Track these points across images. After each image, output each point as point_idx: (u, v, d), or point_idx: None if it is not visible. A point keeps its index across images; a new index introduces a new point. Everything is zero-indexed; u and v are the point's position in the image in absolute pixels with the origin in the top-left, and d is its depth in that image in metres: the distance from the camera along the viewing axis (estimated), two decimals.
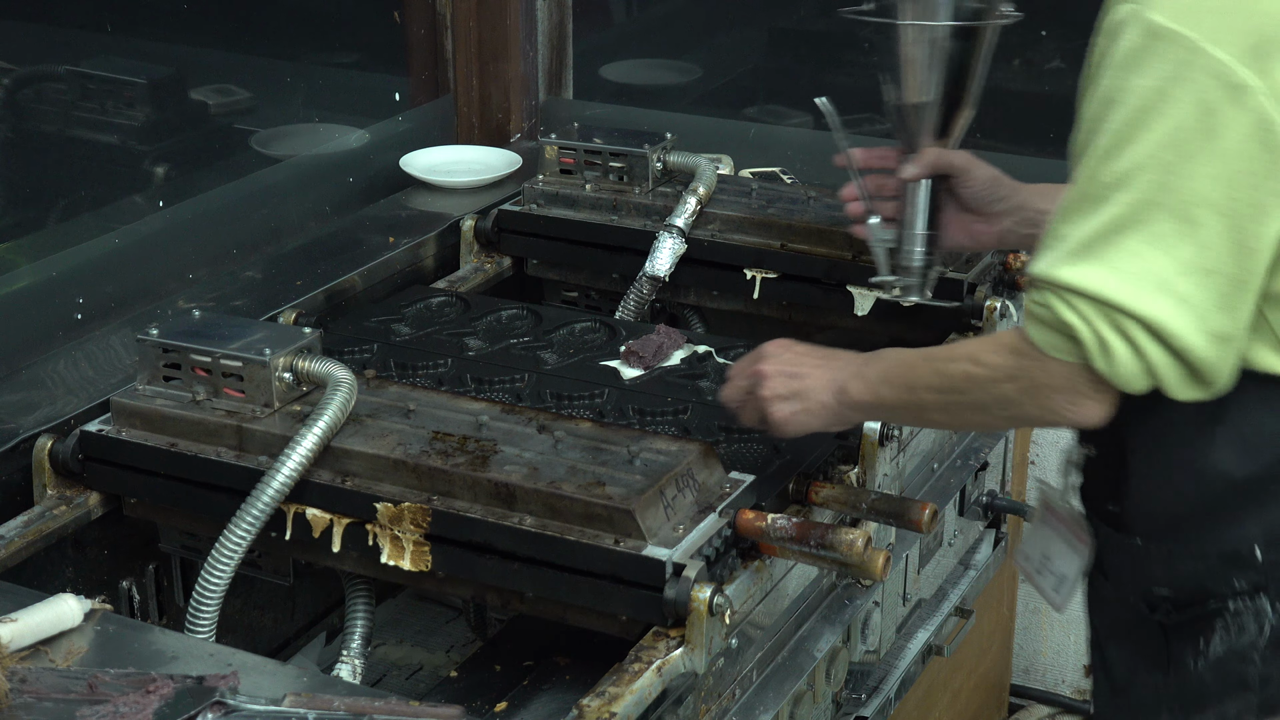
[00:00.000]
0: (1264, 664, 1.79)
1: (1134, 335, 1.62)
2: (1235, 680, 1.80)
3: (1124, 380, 1.65)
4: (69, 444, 2.18)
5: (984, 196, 2.26)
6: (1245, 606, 1.78)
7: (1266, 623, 1.78)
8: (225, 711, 1.61)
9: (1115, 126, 1.63)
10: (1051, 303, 1.66)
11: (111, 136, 2.85)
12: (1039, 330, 1.69)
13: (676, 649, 1.83)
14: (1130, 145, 1.62)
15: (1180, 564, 1.81)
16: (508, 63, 3.47)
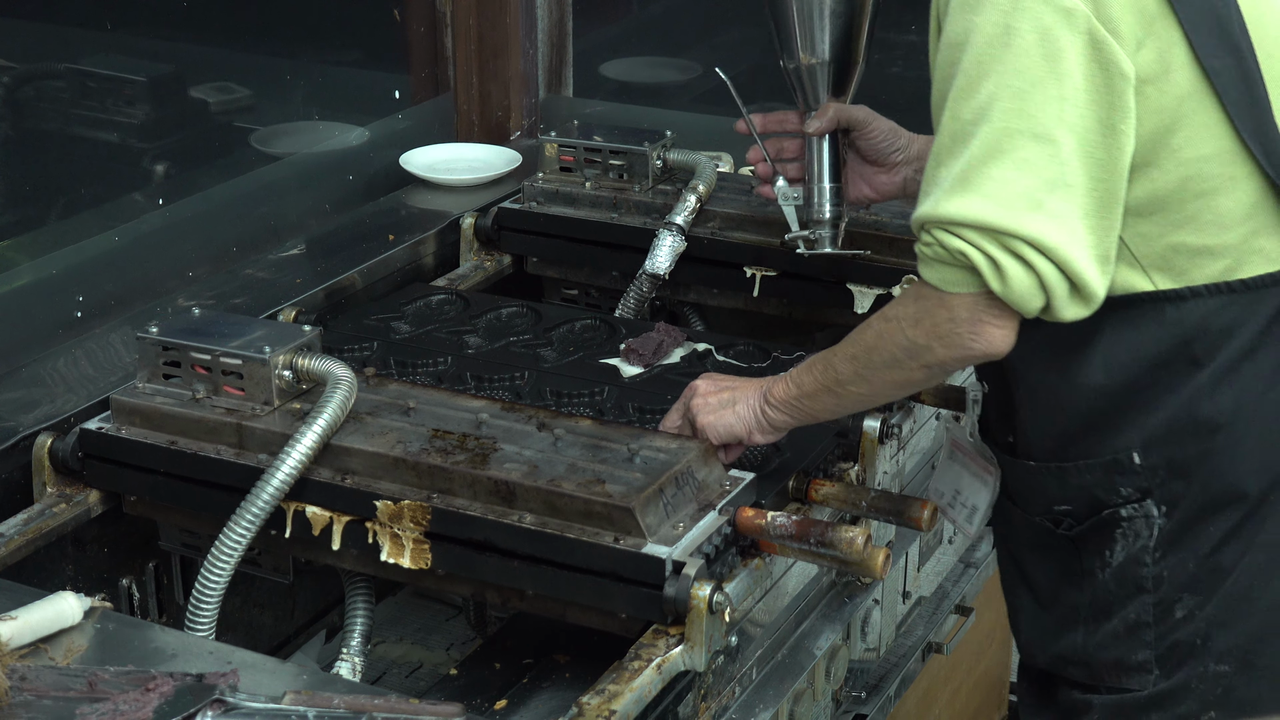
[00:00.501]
0: (1155, 565, 1.90)
1: (1023, 253, 1.72)
2: (1133, 584, 1.92)
3: (1019, 298, 1.74)
4: (69, 442, 2.18)
5: (883, 148, 2.36)
6: (1136, 512, 1.89)
7: (1155, 525, 1.89)
8: (225, 709, 1.61)
9: (967, 66, 1.74)
10: (940, 238, 1.76)
11: (111, 134, 2.85)
12: (932, 269, 1.79)
13: (676, 647, 1.83)
14: (984, 80, 1.73)
15: (1071, 479, 1.93)
16: (508, 60, 3.47)
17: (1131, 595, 1.92)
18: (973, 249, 1.73)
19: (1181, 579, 1.90)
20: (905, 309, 1.84)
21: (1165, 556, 1.90)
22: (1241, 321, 1.85)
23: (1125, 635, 1.93)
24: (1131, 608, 1.92)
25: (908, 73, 3.48)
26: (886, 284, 2.67)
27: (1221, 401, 1.85)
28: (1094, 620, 1.96)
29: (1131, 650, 1.93)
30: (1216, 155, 1.81)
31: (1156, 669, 1.93)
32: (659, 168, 2.96)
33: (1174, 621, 1.91)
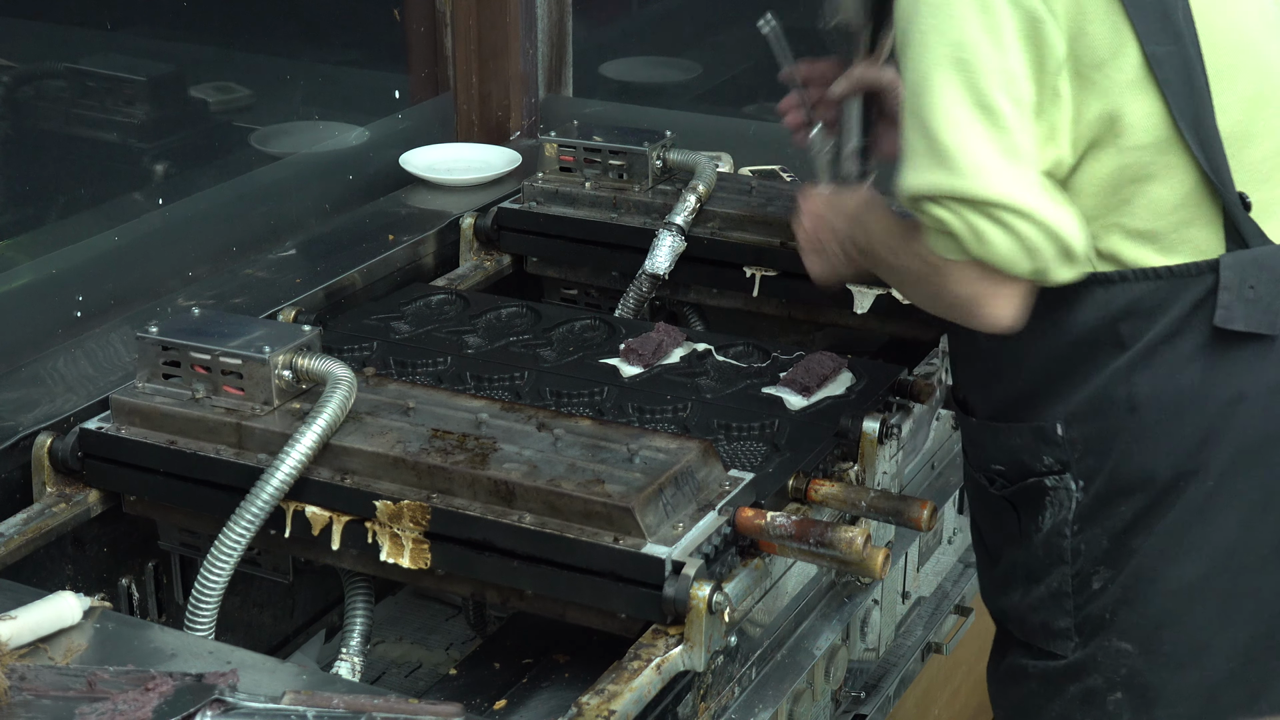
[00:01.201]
0: (1073, 537, 1.99)
1: (999, 216, 1.79)
2: (1056, 554, 2.01)
3: (1006, 261, 1.81)
4: (68, 441, 2.18)
5: None
6: (1058, 483, 1.98)
7: (1074, 499, 1.98)
8: (224, 709, 1.61)
9: (914, 35, 1.82)
10: (925, 209, 1.84)
11: (111, 134, 2.85)
12: (932, 239, 1.87)
13: (676, 647, 1.83)
14: (929, 49, 1.81)
15: (1003, 439, 2.03)
16: (507, 60, 3.47)
17: (1055, 564, 2.01)
18: (951, 216, 1.81)
19: (1096, 553, 1.98)
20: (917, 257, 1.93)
21: (1082, 530, 1.98)
22: (1165, 307, 1.89)
23: (1050, 601, 2.02)
24: (1054, 576, 2.01)
25: None
26: (885, 284, 2.67)
27: (1138, 383, 1.91)
28: (1027, 582, 2.05)
29: (1055, 616, 2.02)
30: (1154, 143, 1.86)
31: (1076, 636, 2.01)
32: (659, 168, 2.96)
33: (1091, 593, 1.99)
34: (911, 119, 1.83)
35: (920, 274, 1.95)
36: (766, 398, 2.35)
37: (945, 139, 1.79)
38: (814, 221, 2.24)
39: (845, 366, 2.41)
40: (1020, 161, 1.79)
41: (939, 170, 1.80)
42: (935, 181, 1.80)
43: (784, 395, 2.35)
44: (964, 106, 1.79)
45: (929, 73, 1.80)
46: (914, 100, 1.83)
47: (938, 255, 1.86)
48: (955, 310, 1.91)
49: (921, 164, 1.82)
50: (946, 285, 1.88)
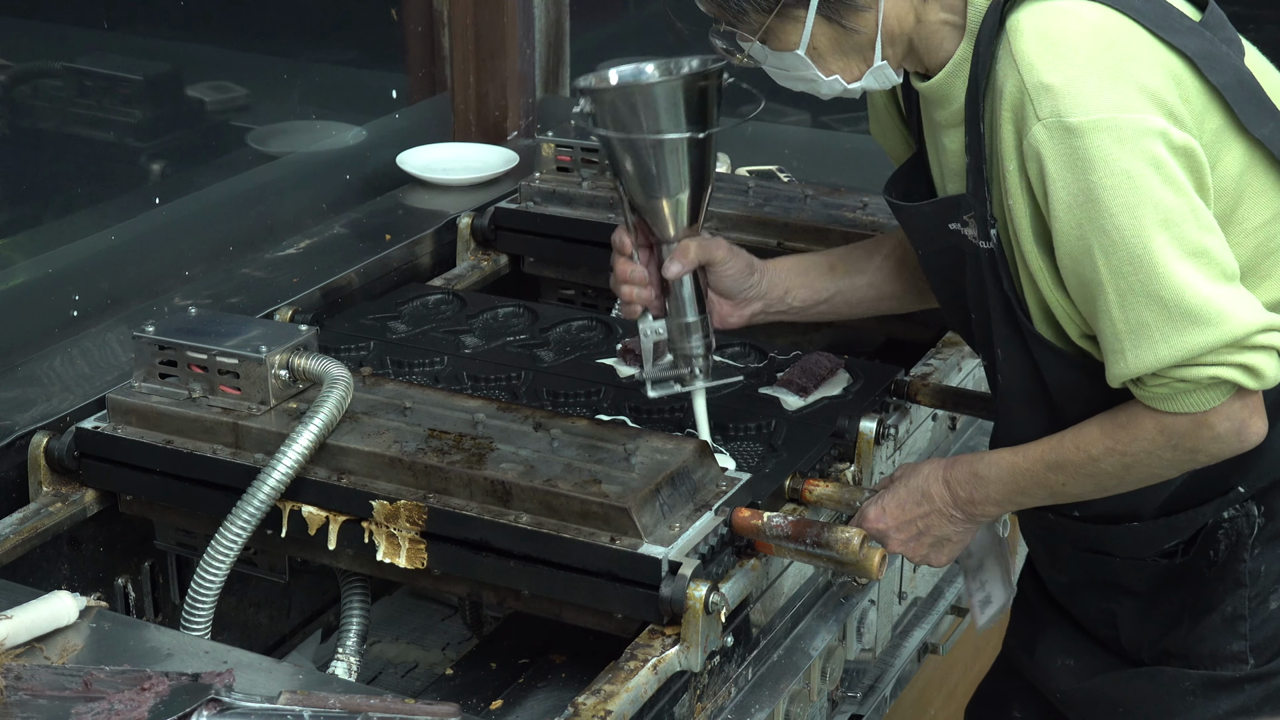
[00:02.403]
0: (1253, 560, 1.99)
1: (1261, 342, 1.77)
2: (1233, 579, 2.00)
3: (1270, 382, 1.80)
4: (65, 441, 2.18)
5: (737, 285, 2.23)
6: (1238, 512, 1.99)
7: (1255, 524, 1.99)
8: (220, 709, 1.61)
9: (1104, 222, 1.77)
10: (1179, 374, 1.79)
11: (108, 133, 2.85)
12: (1178, 401, 1.82)
13: (672, 647, 1.83)
14: (1129, 226, 1.76)
15: (1181, 526, 2.01)
16: (505, 60, 3.47)
17: (1231, 589, 2.00)
18: (1221, 368, 1.77)
19: (1277, 571, 1.99)
20: (1149, 441, 1.86)
21: (1263, 552, 1.99)
22: None
23: (1222, 628, 2.01)
24: (1230, 601, 2.01)
25: None
26: None
27: None
28: (1195, 614, 2.03)
29: (1227, 641, 2.01)
30: (1277, 216, 1.89)
31: (1251, 659, 2.01)
32: None
33: (1269, 613, 2.00)
34: (1127, 298, 1.78)
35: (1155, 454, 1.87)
36: (763, 398, 2.35)
37: (1187, 299, 1.76)
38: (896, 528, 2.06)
39: (842, 367, 2.41)
40: (1237, 282, 1.80)
41: (1192, 331, 1.76)
42: (1192, 344, 1.77)
43: (781, 395, 2.35)
44: (1184, 262, 1.76)
45: (1141, 247, 1.76)
46: (1128, 280, 1.78)
47: (1194, 412, 1.81)
48: (1214, 449, 1.85)
49: (1161, 335, 1.78)
50: (1209, 433, 1.83)
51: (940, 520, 2.03)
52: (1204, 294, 1.76)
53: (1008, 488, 1.98)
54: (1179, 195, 1.76)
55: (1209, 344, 1.76)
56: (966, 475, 2.01)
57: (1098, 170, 1.75)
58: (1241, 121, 1.84)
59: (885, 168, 3.13)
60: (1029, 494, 1.98)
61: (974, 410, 2.39)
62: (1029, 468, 1.96)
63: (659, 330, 2.16)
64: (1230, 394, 1.80)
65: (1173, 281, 1.76)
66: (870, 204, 2.83)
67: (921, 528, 2.04)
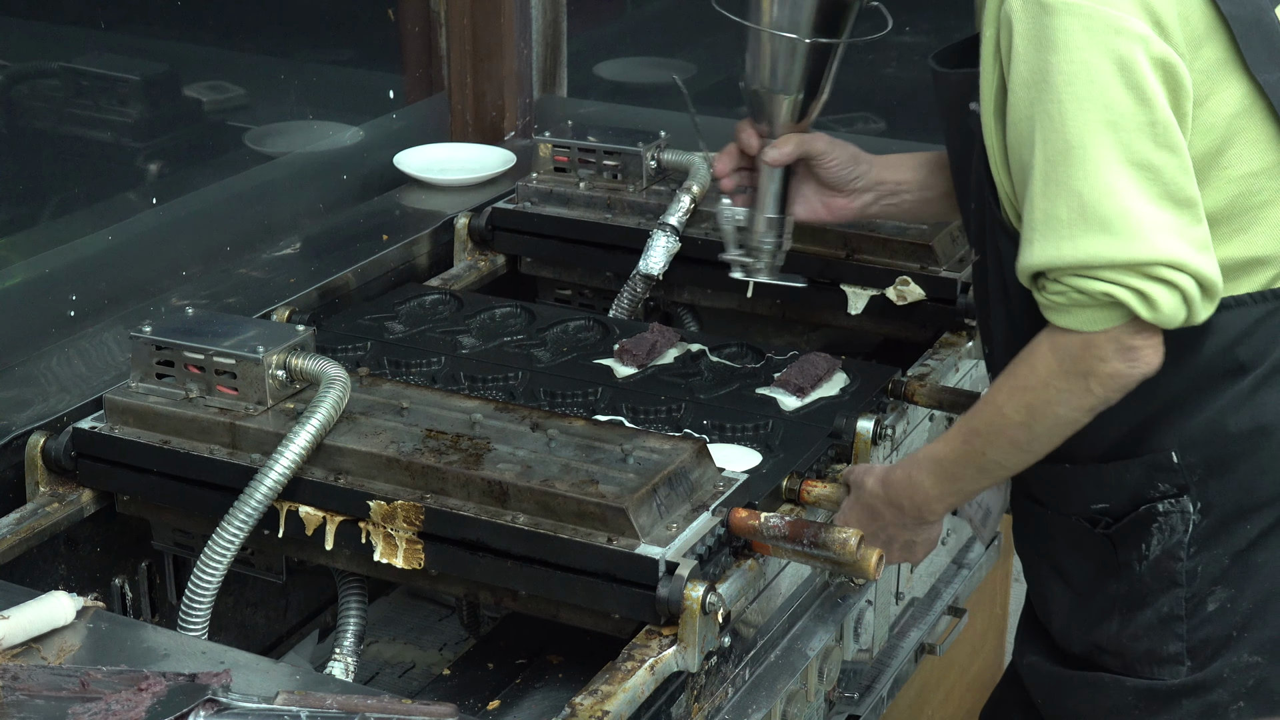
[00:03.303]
0: (1189, 559, 1.94)
1: (1165, 276, 1.73)
2: (1167, 578, 1.95)
3: (1168, 318, 1.75)
4: (62, 441, 2.18)
5: (844, 175, 2.32)
6: (1172, 507, 1.93)
7: (1190, 521, 1.93)
8: (217, 709, 1.61)
9: (1050, 106, 1.74)
10: (1075, 284, 1.75)
11: (105, 133, 2.85)
12: (1069, 315, 1.78)
13: (669, 647, 1.83)
14: (1073, 117, 1.73)
15: (1109, 479, 1.96)
16: (502, 60, 3.47)
17: (1165, 588, 1.96)
18: (1116, 287, 1.74)
19: (1214, 573, 1.94)
20: (1045, 366, 1.82)
21: (1200, 552, 1.94)
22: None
23: (1158, 627, 1.97)
24: (1165, 600, 1.96)
25: (902, 74, 3.48)
26: (880, 284, 2.67)
27: (1266, 405, 1.89)
28: (1128, 611, 1.99)
29: (1164, 642, 1.97)
30: (1266, 169, 1.84)
31: (1188, 660, 1.96)
32: (653, 168, 2.96)
33: (1206, 615, 1.95)
34: (1050, 187, 1.75)
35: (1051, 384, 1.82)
36: (760, 398, 2.35)
37: (1106, 205, 1.72)
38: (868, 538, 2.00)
39: (839, 367, 2.41)
40: (1181, 211, 1.74)
41: (1097, 237, 1.72)
42: (1094, 251, 1.73)
43: (778, 396, 2.35)
44: (1121, 168, 1.72)
45: (1078, 140, 1.73)
46: (1057, 170, 1.74)
47: (1085, 330, 1.78)
48: (1104, 374, 1.80)
49: (1069, 233, 1.74)
50: (1098, 354, 1.78)
51: (897, 529, 2.03)
52: (1125, 205, 1.72)
53: (940, 480, 1.96)
54: (1140, 104, 1.72)
55: (1110, 257, 1.72)
56: (903, 482, 2.00)
57: (1058, 53, 1.73)
58: (1245, 60, 1.80)
59: None
60: (960, 478, 1.95)
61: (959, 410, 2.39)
62: (949, 450, 1.95)
63: (738, 217, 2.38)
64: (1123, 319, 1.76)
65: (1098, 183, 1.72)
66: None
67: (885, 538, 2.04)
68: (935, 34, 3.39)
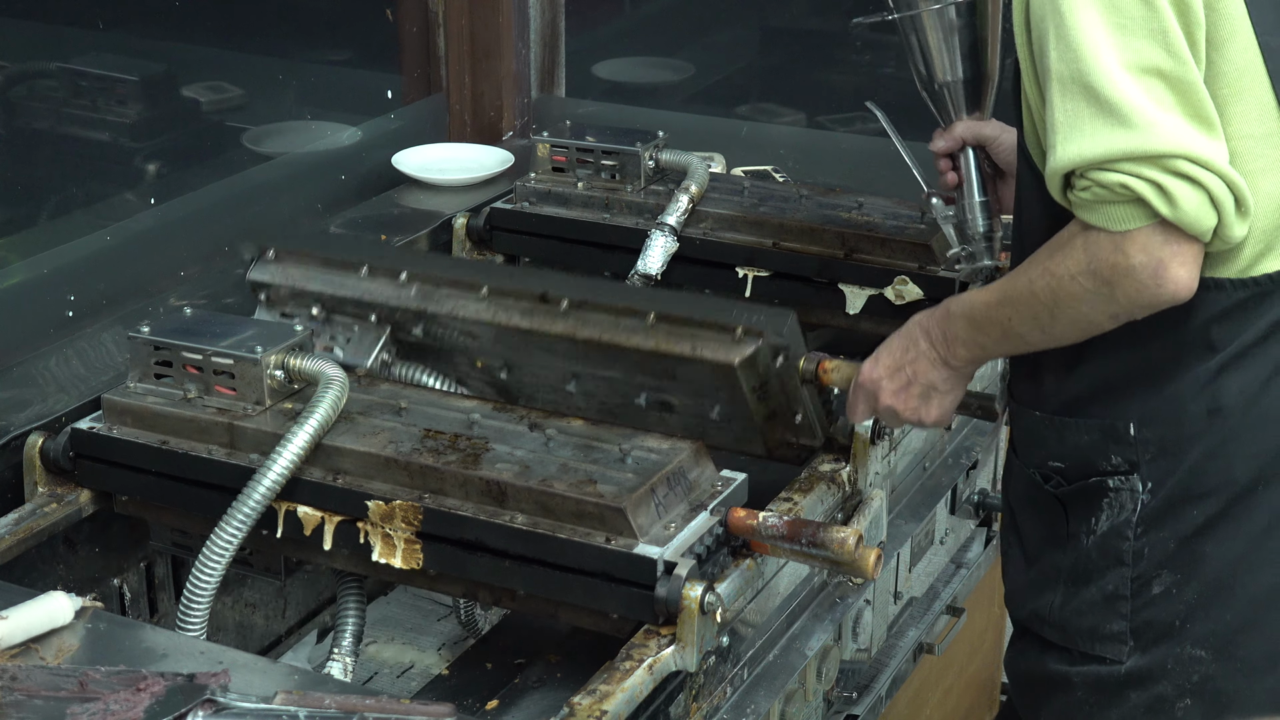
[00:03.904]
0: (1135, 540, 1.95)
1: (1185, 170, 1.72)
2: (1114, 556, 1.96)
3: (1193, 219, 1.74)
4: (60, 441, 2.18)
5: (1011, 161, 2.31)
6: (1122, 484, 1.94)
7: (1139, 500, 1.94)
8: (216, 709, 1.61)
9: (1066, 11, 1.76)
10: (1097, 178, 1.75)
11: (103, 134, 2.85)
12: (1096, 212, 1.77)
13: (668, 647, 1.83)
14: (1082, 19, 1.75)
15: (1069, 435, 1.98)
16: (500, 60, 3.47)
17: (1111, 566, 1.97)
18: (1135, 179, 1.73)
19: (1160, 557, 1.94)
20: (1076, 260, 1.81)
21: (1146, 533, 1.94)
22: (1261, 312, 1.88)
23: (1102, 604, 1.98)
24: (1110, 578, 1.97)
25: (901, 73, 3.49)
26: (879, 284, 2.68)
27: (1225, 387, 1.89)
28: (1073, 584, 2.01)
29: (1107, 620, 1.98)
30: (1265, 136, 1.84)
31: (1131, 640, 1.97)
32: (651, 168, 2.96)
33: (1151, 597, 1.95)
34: (1067, 87, 1.76)
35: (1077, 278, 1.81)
36: None
37: (1117, 97, 1.73)
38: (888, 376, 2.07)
39: None
40: (1198, 123, 1.75)
41: (1114, 130, 1.73)
42: (1111, 143, 1.73)
43: None
44: (1127, 66, 1.73)
45: (1086, 38, 1.74)
46: (1071, 67, 1.76)
47: (1113, 229, 1.77)
48: (1130, 287, 1.78)
49: (1089, 129, 1.75)
50: (1125, 261, 1.77)
51: (925, 365, 2.03)
52: (1136, 101, 1.73)
53: (969, 324, 1.97)
54: (1149, 9, 1.74)
55: (1125, 148, 1.72)
56: (941, 313, 2.01)
57: None
58: (1250, 16, 1.80)
59: (879, 168, 3.14)
60: (986, 332, 1.95)
61: (969, 410, 2.39)
62: (985, 300, 1.95)
63: (949, 213, 2.38)
64: (1148, 220, 1.75)
65: (1106, 78, 1.73)
66: (865, 204, 2.83)
67: (910, 374, 2.04)
68: None
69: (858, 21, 2.39)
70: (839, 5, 3.67)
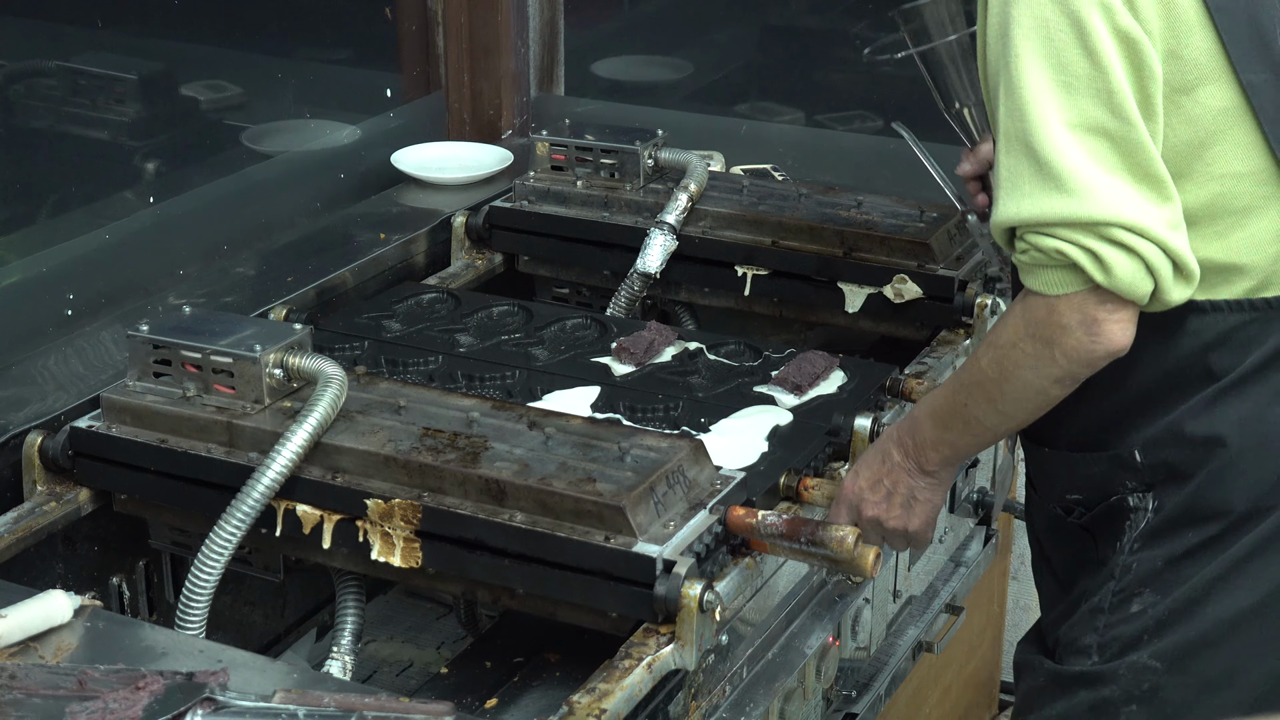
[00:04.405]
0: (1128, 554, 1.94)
1: (1120, 238, 1.71)
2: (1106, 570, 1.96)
3: (1127, 285, 1.73)
4: (59, 440, 2.18)
5: None
6: (1140, 503, 1.94)
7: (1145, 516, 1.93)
8: (215, 708, 1.60)
9: (1011, 61, 1.74)
10: (1034, 241, 1.75)
11: (102, 132, 2.85)
12: (1034, 276, 1.77)
13: (667, 645, 1.83)
14: (1028, 75, 1.73)
15: (1081, 469, 1.98)
16: (499, 59, 3.47)
17: (1103, 581, 1.97)
18: (1070, 245, 1.72)
19: (1145, 574, 1.93)
20: (1014, 327, 1.82)
21: (1140, 550, 1.94)
22: (1260, 339, 1.86)
23: (1087, 617, 1.97)
24: (1099, 594, 1.96)
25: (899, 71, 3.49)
26: (877, 282, 2.68)
27: (1225, 415, 1.87)
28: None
29: (1083, 632, 1.97)
30: (1251, 174, 1.82)
31: (1095, 655, 1.96)
32: (650, 167, 2.96)
33: (1126, 614, 1.94)
34: (1012, 144, 1.75)
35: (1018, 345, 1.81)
36: (758, 396, 2.35)
37: (1056, 159, 1.71)
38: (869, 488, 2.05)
39: (837, 366, 2.41)
40: (1142, 184, 1.73)
41: (1052, 194, 1.72)
42: (1048, 207, 1.72)
43: (776, 394, 2.35)
44: (1071, 127, 1.72)
45: (1031, 95, 1.73)
46: (1016, 125, 1.74)
47: (1047, 294, 1.76)
48: (1068, 345, 1.77)
49: (1029, 190, 1.74)
50: (1059, 320, 1.76)
51: (901, 475, 2.02)
52: (1075, 164, 1.71)
53: (934, 422, 1.97)
54: (1095, 69, 1.71)
55: (1061, 213, 1.71)
56: (909, 421, 2.01)
57: (1018, 6, 1.73)
58: (1229, 54, 1.78)
59: (878, 167, 3.15)
60: (949, 426, 1.95)
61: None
62: (944, 393, 1.95)
63: (984, 230, 2.36)
64: (1083, 286, 1.74)
65: (1053, 141, 1.71)
66: (865, 202, 2.83)
67: (889, 486, 2.03)
68: None
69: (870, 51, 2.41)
70: (838, 3, 3.67)
